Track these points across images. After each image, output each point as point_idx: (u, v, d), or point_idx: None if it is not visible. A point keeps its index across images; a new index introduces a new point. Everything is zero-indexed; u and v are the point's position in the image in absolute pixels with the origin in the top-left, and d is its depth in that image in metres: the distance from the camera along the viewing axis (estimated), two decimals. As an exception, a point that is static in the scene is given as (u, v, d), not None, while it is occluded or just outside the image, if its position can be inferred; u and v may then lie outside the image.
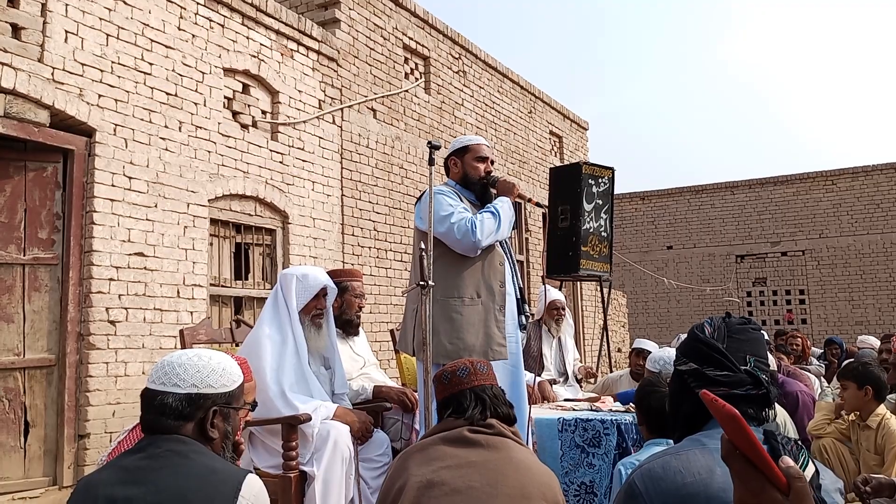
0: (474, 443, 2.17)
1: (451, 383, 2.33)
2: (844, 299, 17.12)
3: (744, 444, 0.92)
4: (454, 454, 2.15)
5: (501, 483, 2.06)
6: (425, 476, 2.09)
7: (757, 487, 0.91)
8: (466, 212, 3.49)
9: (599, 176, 7.86)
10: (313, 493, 3.16)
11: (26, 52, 4.60)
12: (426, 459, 2.16)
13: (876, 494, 2.89)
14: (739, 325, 1.68)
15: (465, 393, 2.28)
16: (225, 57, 5.96)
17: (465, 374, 2.32)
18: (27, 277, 4.69)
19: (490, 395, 2.28)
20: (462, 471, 2.09)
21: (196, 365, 1.80)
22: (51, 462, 4.71)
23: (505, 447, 2.18)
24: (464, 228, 3.39)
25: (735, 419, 0.91)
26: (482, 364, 2.38)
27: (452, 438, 2.20)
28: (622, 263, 17.25)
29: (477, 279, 3.49)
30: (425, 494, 2.05)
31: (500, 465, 2.11)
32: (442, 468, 2.11)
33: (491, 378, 2.35)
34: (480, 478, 2.07)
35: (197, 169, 5.63)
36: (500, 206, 3.55)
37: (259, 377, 3.15)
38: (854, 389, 3.83)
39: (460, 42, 9.17)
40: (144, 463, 1.68)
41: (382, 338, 7.10)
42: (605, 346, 8.39)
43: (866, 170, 17.22)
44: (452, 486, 2.06)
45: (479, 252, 3.47)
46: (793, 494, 0.90)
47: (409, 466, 2.16)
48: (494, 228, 3.48)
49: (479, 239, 3.40)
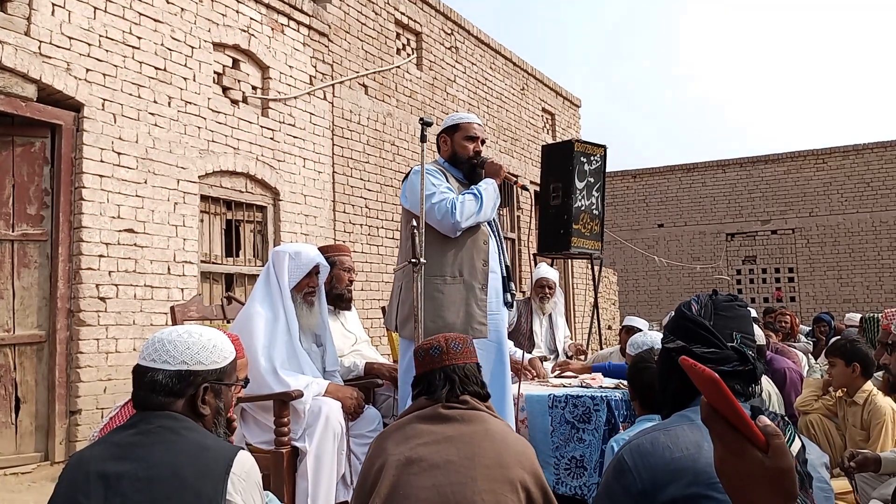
0: (449, 418, 2.20)
1: (424, 362, 2.35)
2: (833, 277, 17.23)
3: (724, 406, 0.94)
4: (430, 430, 2.17)
5: (478, 455, 2.08)
6: (403, 454, 2.12)
7: (737, 447, 0.93)
8: (450, 192, 3.49)
9: (591, 154, 7.84)
10: (305, 468, 3.18)
11: (13, 25, 4.53)
12: (403, 438, 2.18)
13: (861, 469, 2.94)
14: (726, 302, 1.69)
15: (435, 373, 2.30)
16: (214, 31, 5.90)
17: (437, 353, 2.32)
18: (16, 254, 4.67)
19: (461, 374, 2.28)
20: (439, 446, 2.12)
21: (186, 342, 1.79)
22: (42, 438, 4.72)
23: (480, 420, 2.20)
24: (444, 209, 3.40)
25: (715, 382, 0.93)
26: (457, 342, 2.36)
27: (427, 416, 2.23)
28: (613, 241, 17.29)
29: (459, 258, 3.50)
30: (405, 472, 2.08)
31: (476, 437, 2.13)
32: (419, 445, 2.13)
33: (466, 356, 2.34)
34: (458, 451, 2.10)
35: (187, 145, 5.59)
36: (483, 189, 3.55)
37: (250, 354, 3.15)
38: (842, 366, 3.87)
39: (453, 18, 9.09)
40: (136, 439, 1.68)
41: (374, 315, 7.11)
42: (596, 324, 8.43)
43: (857, 148, 17.25)
44: (431, 461, 2.08)
45: (458, 233, 3.48)
46: (771, 451, 0.92)
47: (387, 446, 2.18)
48: (475, 210, 3.48)
49: (458, 221, 3.41)
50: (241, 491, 1.67)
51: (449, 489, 2.03)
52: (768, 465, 0.92)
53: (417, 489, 2.04)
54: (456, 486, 2.03)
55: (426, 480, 2.05)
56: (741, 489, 0.95)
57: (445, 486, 2.03)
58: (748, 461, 0.93)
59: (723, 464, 0.96)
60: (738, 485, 0.95)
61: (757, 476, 0.93)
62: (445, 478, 2.05)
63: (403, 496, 2.04)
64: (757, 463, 0.92)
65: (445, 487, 2.03)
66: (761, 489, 0.93)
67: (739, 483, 0.94)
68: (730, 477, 0.95)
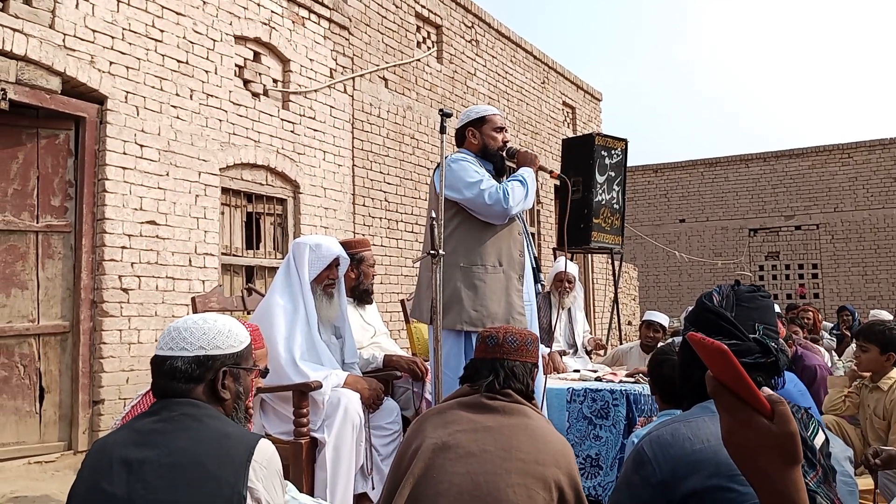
0: (491, 408, 2.20)
1: (479, 348, 2.37)
2: (858, 274, 17.00)
3: (731, 377, 0.97)
4: (470, 419, 2.17)
5: (515, 448, 2.08)
6: (441, 438, 2.12)
7: (745, 416, 0.97)
8: (492, 179, 3.49)
9: (612, 147, 7.80)
10: (324, 459, 3.19)
11: (37, 18, 4.58)
12: (443, 422, 2.19)
13: (886, 466, 2.89)
14: (748, 293, 1.66)
15: (484, 362, 2.31)
16: (236, 24, 5.92)
17: (492, 344, 2.34)
18: (40, 245, 4.72)
19: (508, 370, 2.28)
20: (477, 434, 2.12)
21: (202, 328, 1.81)
22: (66, 427, 4.78)
23: (521, 413, 2.20)
24: (496, 195, 3.39)
25: (724, 352, 0.97)
26: (515, 337, 2.35)
27: (469, 403, 2.24)
28: (634, 236, 17.18)
29: (499, 247, 3.50)
30: (440, 456, 2.08)
31: (516, 431, 2.13)
32: (458, 431, 2.14)
33: (521, 353, 2.33)
34: (495, 442, 2.09)
35: (208, 137, 5.62)
36: (527, 175, 3.55)
37: (270, 345, 3.16)
38: (876, 353, 3.73)
39: (473, 10, 9.06)
40: (159, 426, 1.70)
41: (393, 308, 7.12)
42: (616, 319, 8.39)
43: (883, 143, 16.99)
44: (467, 448, 2.08)
45: (507, 220, 3.47)
46: (777, 417, 0.97)
47: (426, 428, 2.19)
48: (523, 196, 3.49)
49: (511, 206, 3.41)
50: (263, 479, 1.67)
51: (482, 478, 2.02)
52: (775, 431, 0.96)
53: (451, 474, 2.04)
54: (489, 476, 2.03)
55: (460, 467, 2.05)
56: (750, 457, 0.98)
57: (479, 475, 2.03)
58: (755, 429, 0.97)
59: (730, 435, 0.99)
60: (747, 453, 0.99)
61: (765, 443, 0.97)
62: (480, 466, 2.04)
63: (436, 480, 2.05)
64: (764, 430, 0.96)
65: (479, 476, 2.03)
66: (769, 455, 0.97)
67: (748, 451, 0.98)
68: (738, 446, 0.99)
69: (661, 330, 5.72)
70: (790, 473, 0.98)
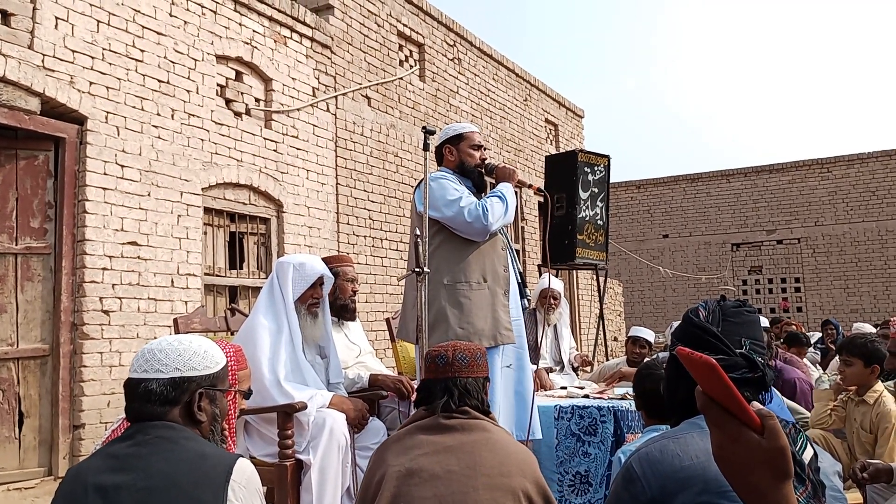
0: (449, 428, 2.17)
1: (429, 369, 2.33)
2: (840, 287, 17.15)
3: (720, 391, 0.96)
4: (431, 441, 2.14)
5: (479, 464, 2.06)
6: (404, 465, 2.09)
7: (734, 431, 0.96)
8: (472, 196, 3.48)
9: (595, 164, 7.83)
10: (309, 481, 3.14)
11: (16, 38, 4.55)
12: (403, 449, 2.15)
13: (874, 480, 2.89)
14: (734, 308, 1.66)
15: (436, 382, 2.27)
16: (217, 44, 5.91)
17: (442, 363, 2.29)
18: (20, 267, 4.66)
19: (461, 388, 2.24)
20: (440, 456, 2.09)
21: (177, 349, 1.78)
22: (46, 452, 4.69)
23: (480, 428, 2.17)
24: (475, 212, 3.39)
25: (712, 367, 0.95)
26: (465, 354, 2.31)
27: (427, 426, 2.20)
28: (618, 252, 17.26)
29: (482, 263, 3.49)
30: (406, 483, 2.05)
31: (477, 447, 2.11)
32: (420, 455, 2.10)
33: (472, 369, 2.29)
34: (458, 461, 2.07)
35: (190, 157, 5.59)
36: (506, 191, 3.55)
37: (254, 365, 3.12)
38: (860, 366, 3.70)
39: (455, 29, 9.11)
40: (133, 450, 1.66)
41: (378, 327, 7.08)
42: (602, 335, 8.39)
43: (861, 157, 17.22)
44: (431, 472, 2.05)
45: (486, 237, 3.46)
46: (767, 432, 0.95)
47: (387, 458, 2.15)
48: (503, 213, 3.49)
49: (490, 222, 3.41)
50: (242, 498, 1.64)
51: (450, 499, 2.00)
52: (765, 446, 0.95)
53: (419, 500, 2.01)
54: (457, 496, 2.00)
55: (427, 491, 2.02)
56: (741, 473, 0.97)
57: (447, 496, 2.01)
58: (746, 444, 0.95)
59: (721, 450, 0.98)
60: (737, 468, 0.97)
61: (755, 458, 0.96)
62: (447, 488, 2.02)
63: None
64: (754, 445, 0.95)
65: (447, 497, 2.01)
66: (760, 470, 0.96)
67: (739, 467, 0.97)
68: (728, 462, 0.98)
69: (647, 346, 5.72)
70: (781, 488, 0.97)
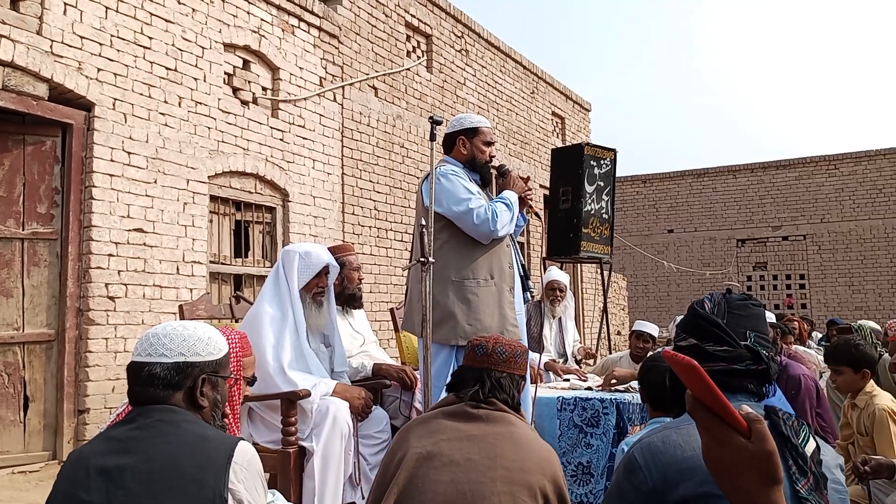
0: (475, 417, 2.19)
1: (467, 357, 2.36)
2: (844, 284, 17.11)
3: (704, 394, 0.96)
4: (454, 427, 2.16)
5: (500, 457, 2.06)
6: (425, 448, 2.11)
7: (722, 435, 0.96)
8: (481, 197, 3.50)
9: (601, 157, 7.81)
10: (312, 468, 3.16)
11: (25, 23, 4.55)
12: (427, 432, 2.18)
13: (875, 475, 2.89)
14: (740, 300, 1.66)
15: (472, 370, 2.30)
16: (225, 32, 5.91)
17: (480, 353, 2.32)
18: (26, 252, 4.68)
19: (493, 380, 2.26)
20: (461, 443, 2.11)
21: (182, 334, 1.79)
22: (50, 436, 4.72)
23: (505, 422, 2.18)
24: (483, 216, 3.43)
25: (694, 368, 0.95)
26: (505, 349, 2.32)
27: (453, 412, 2.22)
28: (623, 246, 17.23)
29: (490, 261, 3.53)
30: (424, 465, 2.07)
31: (500, 439, 2.12)
32: (442, 440, 2.12)
33: (508, 365, 2.30)
34: (479, 451, 2.08)
35: (197, 145, 5.60)
36: (513, 201, 3.60)
37: (259, 352, 3.13)
38: (850, 373, 3.65)
39: (463, 20, 9.09)
40: (135, 433, 1.67)
41: (382, 317, 7.09)
42: (605, 329, 8.38)
43: (869, 154, 17.14)
44: (451, 457, 2.07)
45: (490, 241, 3.50)
46: (754, 436, 0.95)
47: (410, 438, 2.18)
48: (509, 220, 3.55)
49: (497, 229, 3.46)
50: (244, 480, 1.66)
51: (467, 486, 2.01)
52: (752, 450, 0.95)
53: (435, 483, 2.03)
54: (474, 485, 2.01)
55: (444, 475, 2.04)
56: (728, 476, 0.97)
57: (463, 484, 2.02)
58: (732, 448, 0.95)
59: (709, 452, 0.98)
60: (725, 472, 0.97)
61: (742, 462, 0.95)
62: (464, 475, 2.04)
63: (420, 489, 2.03)
64: (741, 449, 0.95)
65: (463, 485, 2.02)
66: (747, 474, 0.96)
67: (726, 470, 0.97)
68: (716, 465, 0.98)
69: (651, 340, 5.71)
70: (769, 493, 0.96)
